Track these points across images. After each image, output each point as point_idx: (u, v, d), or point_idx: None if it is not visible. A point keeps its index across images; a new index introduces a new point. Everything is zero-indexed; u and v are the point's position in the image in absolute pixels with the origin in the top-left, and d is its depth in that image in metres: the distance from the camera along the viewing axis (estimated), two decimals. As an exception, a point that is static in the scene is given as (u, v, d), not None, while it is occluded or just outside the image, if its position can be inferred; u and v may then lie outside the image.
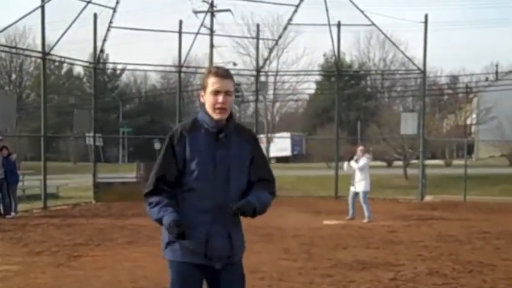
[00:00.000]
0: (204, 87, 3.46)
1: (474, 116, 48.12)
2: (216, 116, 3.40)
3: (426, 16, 19.50)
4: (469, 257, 9.08)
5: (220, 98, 3.37)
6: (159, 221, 3.33)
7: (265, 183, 3.59)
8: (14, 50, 31.77)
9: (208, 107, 3.42)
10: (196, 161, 3.36)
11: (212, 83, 3.39)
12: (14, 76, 54.73)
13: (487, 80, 55.88)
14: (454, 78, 57.77)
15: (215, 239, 3.37)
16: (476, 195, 20.66)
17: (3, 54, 48.34)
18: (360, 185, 13.92)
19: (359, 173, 13.95)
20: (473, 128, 49.67)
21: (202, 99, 3.49)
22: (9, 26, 16.67)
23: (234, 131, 3.48)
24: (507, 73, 52.57)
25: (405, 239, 11.10)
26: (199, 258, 3.39)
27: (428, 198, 20.02)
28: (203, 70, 36.33)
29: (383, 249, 9.91)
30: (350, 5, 19.89)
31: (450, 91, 56.82)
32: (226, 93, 3.40)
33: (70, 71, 59.94)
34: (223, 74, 3.43)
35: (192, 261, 3.40)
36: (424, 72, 20.49)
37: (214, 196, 3.37)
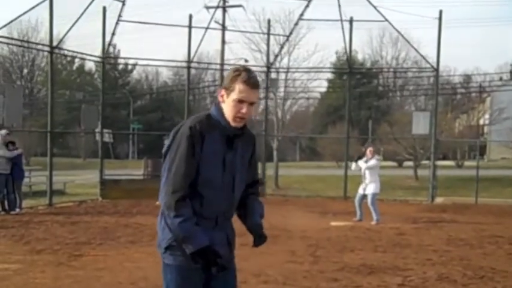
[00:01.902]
0: (227, 88, 3.21)
1: (487, 116, 47.60)
2: (233, 123, 3.22)
3: (441, 12, 19.09)
4: (481, 263, 8.82)
5: (244, 109, 3.18)
6: (186, 238, 3.15)
7: (256, 187, 3.55)
8: (22, 44, 31.66)
9: (228, 112, 3.21)
10: (208, 164, 3.19)
11: (240, 90, 3.16)
12: (25, 71, 54.81)
13: (501, 79, 55.33)
14: (467, 78, 57.20)
15: (217, 246, 3.23)
16: (488, 197, 20.35)
17: (15, 49, 48.39)
18: (370, 187, 13.67)
19: (369, 175, 13.68)
20: (485, 129, 49.17)
21: (221, 99, 3.24)
22: (16, 18, 16.53)
23: (246, 137, 3.38)
24: (521, 73, 52.07)
25: (414, 242, 10.84)
26: (200, 264, 3.26)
27: (439, 200, 19.71)
28: (214, 66, 36.36)
29: (391, 253, 9.67)
30: (361, 0, 19.61)
31: (463, 90, 56.32)
32: (251, 103, 3.19)
33: (82, 66, 59.98)
34: (254, 83, 3.20)
35: (194, 266, 3.25)
36: (437, 70, 20.15)
37: (220, 203, 3.25)
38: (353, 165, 14.32)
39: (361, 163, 13.80)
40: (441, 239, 11.32)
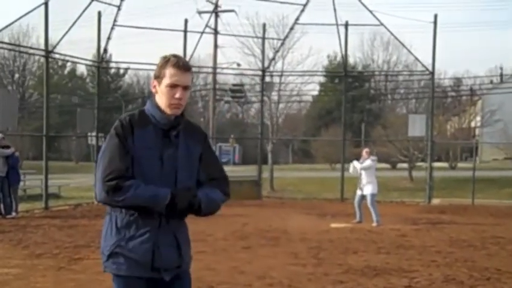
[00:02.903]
0: (158, 77, 3.07)
1: (478, 118, 47.84)
2: (169, 112, 3.05)
3: (435, 16, 19.38)
4: (486, 264, 8.76)
5: (178, 93, 3.02)
6: (153, 199, 2.93)
7: (215, 182, 3.19)
8: (17, 48, 31.53)
9: (162, 101, 3.06)
10: (141, 161, 2.99)
11: (171, 74, 3.02)
12: (17, 75, 54.51)
13: (491, 82, 55.58)
14: (458, 81, 57.40)
15: (163, 247, 3.02)
16: (484, 198, 20.37)
17: (6, 54, 48.14)
18: (367, 188, 13.63)
19: (365, 176, 13.65)
20: (477, 131, 49.38)
21: (154, 90, 3.10)
22: (12, 23, 16.43)
23: (182, 128, 3.12)
24: None
25: (416, 243, 10.80)
26: (146, 271, 3.03)
27: (435, 201, 19.72)
28: (205, 70, 36.30)
29: (394, 254, 9.61)
30: (356, 5, 19.69)
31: (454, 93, 56.51)
32: (185, 88, 3.04)
33: (73, 70, 59.76)
34: (184, 66, 3.05)
35: (139, 274, 3.03)
36: (432, 73, 20.23)
37: None
38: (351, 168, 14.27)
39: (356, 163, 13.77)
40: (443, 240, 11.28)
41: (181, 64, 3.05)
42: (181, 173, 3.07)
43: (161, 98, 3.07)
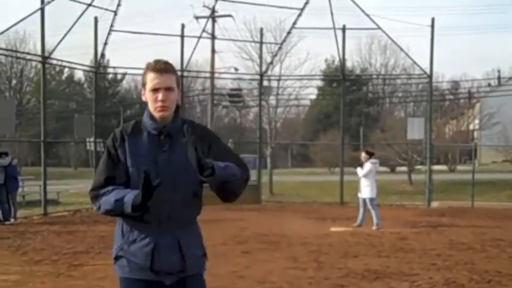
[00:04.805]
0: (143, 85, 3.11)
1: (477, 121, 47.90)
2: (157, 116, 3.06)
3: (433, 20, 19.40)
4: (486, 266, 8.73)
5: (160, 96, 3.02)
6: (118, 203, 2.94)
7: (238, 167, 3.06)
8: (14, 54, 31.54)
9: (150, 106, 3.08)
10: (136, 168, 3.01)
11: (150, 79, 3.04)
12: (14, 82, 54.52)
13: (489, 85, 55.68)
14: (456, 84, 57.51)
15: (162, 251, 3.02)
16: (483, 201, 20.34)
17: (3, 60, 48.13)
18: (365, 191, 13.57)
19: (364, 179, 13.60)
20: (475, 134, 49.42)
21: (144, 98, 3.13)
22: (8, 28, 16.38)
23: (182, 131, 3.01)
24: (510, 79, 52.39)
25: (416, 246, 10.76)
26: (147, 274, 3.05)
27: (434, 204, 19.70)
28: (203, 75, 36.36)
29: (394, 258, 9.58)
30: (352, 9, 19.72)
31: (452, 97, 56.59)
32: (168, 89, 3.03)
33: (71, 76, 59.72)
34: (162, 68, 3.05)
35: (140, 277, 3.07)
36: (430, 76, 20.25)
37: (159, 206, 2.98)
38: (359, 172, 13.92)
39: (359, 171, 13.65)
40: (443, 243, 11.24)
41: (159, 67, 3.06)
42: (179, 178, 3.05)
43: (149, 104, 3.09)
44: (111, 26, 19.05)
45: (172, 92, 3.06)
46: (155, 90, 3.04)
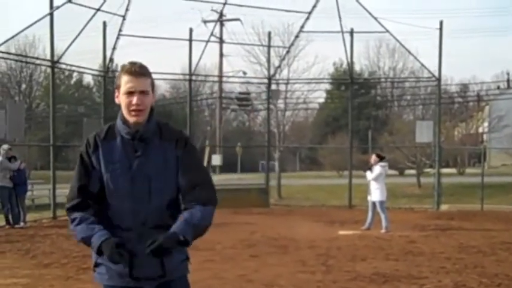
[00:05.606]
0: (117, 87, 3.06)
1: (486, 124, 47.68)
2: (130, 119, 3.01)
3: (441, 23, 19.41)
4: (495, 270, 8.70)
5: (134, 99, 2.97)
6: (86, 240, 2.97)
7: (196, 192, 3.04)
8: (23, 59, 31.74)
9: (123, 110, 3.03)
10: (110, 174, 2.99)
11: (125, 81, 3.00)
12: (23, 86, 54.76)
13: (498, 88, 55.38)
14: (465, 87, 57.25)
15: (142, 258, 2.96)
16: (493, 204, 20.24)
17: (13, 64, 48.36)
18: (374, 194, 13.58)
19: (373, 182, 13.61)
20: (485, 136, 49.19)
21: (117, 100, 3.08)
22: (18, 33, 16.50)
23: (156, 134, 3.06)
24: (519, 81, 52.16)
25: (425, 250, 10.73)
26: (127, 280, 3.03)
27: (444, 207, 19.63)
28: (212, 79, 36.38)
29: (403, 261, 9.55)
30: (360, 13, 19.71)
31: (461, 99, 56.32)
32: (142, 92, 2.99)
33: (80, 81, 59.95)
34: (137, 71, 3.01)
35: (121, 284, 3.05)
36: (439, 79, 20.21)
37: (136, 212, 2.98)
38: (368, 175, 13.95)
39: (369, 174, 13.67)
40: (452, 246, 11.20)
41: (133, 70, 3.02)
42: (155, 182, 3.02)
43: (122, 107, 3.05)
44: (120, 30, 19.18)
45: (147, 95, 3.03)
46: (129, 93, 2.99)
